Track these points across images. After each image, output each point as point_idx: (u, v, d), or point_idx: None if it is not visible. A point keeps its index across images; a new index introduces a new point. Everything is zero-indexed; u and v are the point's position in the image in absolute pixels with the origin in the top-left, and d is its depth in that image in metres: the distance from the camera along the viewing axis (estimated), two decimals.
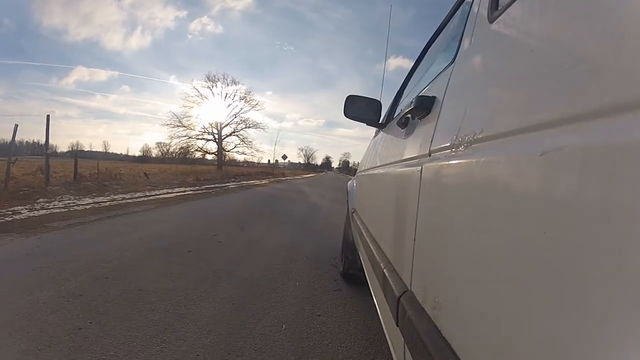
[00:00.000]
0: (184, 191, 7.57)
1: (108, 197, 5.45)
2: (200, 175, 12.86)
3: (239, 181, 13.58)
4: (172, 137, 25.82)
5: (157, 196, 6.12)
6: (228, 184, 11.52)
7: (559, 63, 0.30)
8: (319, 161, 72.68)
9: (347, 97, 1.42)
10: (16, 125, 5.46)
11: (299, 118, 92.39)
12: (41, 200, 4.58)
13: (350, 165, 62.21)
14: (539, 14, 0.37)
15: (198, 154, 27.70)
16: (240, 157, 28.93)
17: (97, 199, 5.11)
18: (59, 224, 3.16)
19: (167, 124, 25.72)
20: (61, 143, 72.88)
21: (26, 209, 4.08)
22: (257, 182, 14.44)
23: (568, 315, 0.23)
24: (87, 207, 4.36)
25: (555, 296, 0.25)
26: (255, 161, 30.70)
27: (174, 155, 27.72)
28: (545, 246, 0.26)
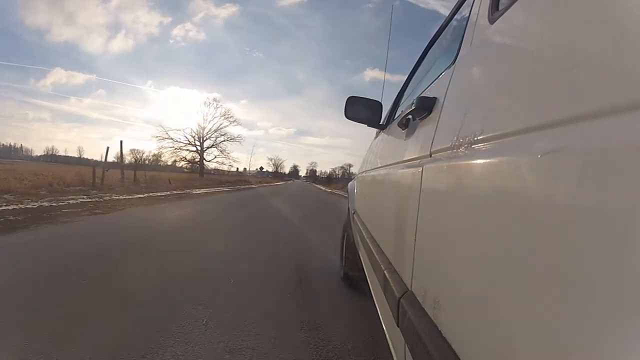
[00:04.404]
0: (216, 189, 13.11)
1: (181, 191, 9.88)
2: (198, 182, 16.22)
3: (234, 186, 17.84)
4: (160, 148, 29.55)
5: (206, 191, 11.43)
6: (238, 187, 16.98)
7: (559, 64, 0.30)
8: (287, 170, 72.45)
9: (348, 98, 1.42)
10: (107, 148, 9.18)
11: (270, 126, 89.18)
12: (153, 191, 8.41)
13: (317, 174, 62.63)
14: (539, 15, 0.37)
15: (172, 162, 31.28)
16: (211, 165, 32.54)
17: (175, 192, 9.38)
18: (204, 196, 9.38)
19: (157, 136, 29.24)
20: (35, 147, 71.62)
21: (168, 193, 8.60)
22: (248, 186, 20.46)
23: (568, 316, 0.23)
24: (184, 193, 9.26)
25: (556, 297, 0.25)
26: (226, 169, 34.13)
27: (146, 162, 30.61)
28: (545, 247, 0.26)
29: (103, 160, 9.10)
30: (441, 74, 0.72)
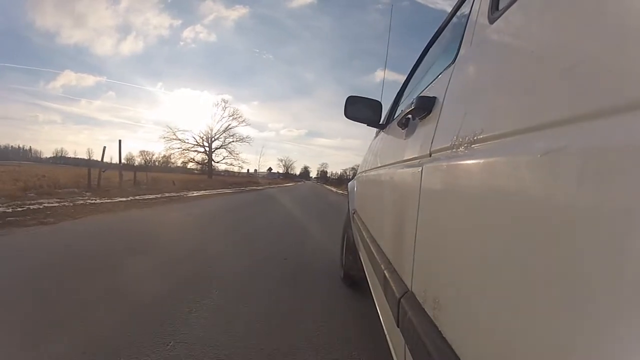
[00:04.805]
0: (219, 191, 12.79)
1: (177, 193, 9.41)
2: (204, 183, 16.31)
3: (240, 187, 17.89)
4: (168, 149, 29.89)
5: (205, 193, 10.96)
6: (244, 188, 17.13)
7: (559, 63, 0.30)
8: (297, 171, 72.68)
9: (348, 97, 1.42)
10: (104, 147, 9.23)
11: (280, 127, 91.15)
12: (147, 194, 8.01)
13: (327, 176, 62.93)
14: (539, 14, 0.37)
15: (182, 164, 31.90)
16: (221, 167, 32.99)
17: (169, 194, 8.82)
18: (199, 199, 8.58)
19: (164, 137, 29.37)
20: (44, 149, 72.13)
21: (167, 195, 8.43)
22: (256, 187, 20.49)
23: (568, 316, 0.23)
24: (177, 196, 8.63)
25: (556, 297, 0.25)
26: (236, 170, 34.55)
27: (156, 163, 30.79)
28: (545, 247, 0.26)
29: (112, 162, 9.21)
30: (441, 73, 0.72)
